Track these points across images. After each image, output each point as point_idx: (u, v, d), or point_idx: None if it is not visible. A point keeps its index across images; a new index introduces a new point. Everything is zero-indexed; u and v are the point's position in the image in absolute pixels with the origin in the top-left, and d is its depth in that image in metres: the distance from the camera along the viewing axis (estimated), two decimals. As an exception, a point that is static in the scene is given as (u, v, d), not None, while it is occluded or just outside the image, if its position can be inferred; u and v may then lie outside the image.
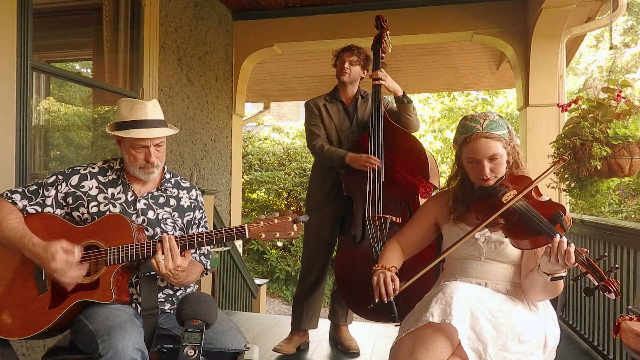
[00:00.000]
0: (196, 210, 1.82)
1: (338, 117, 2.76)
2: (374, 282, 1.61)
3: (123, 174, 1.74)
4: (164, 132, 1.69)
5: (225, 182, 4.79)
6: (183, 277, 1.59)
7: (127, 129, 1.64)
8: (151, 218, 1.71)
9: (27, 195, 1.65)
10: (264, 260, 9.44)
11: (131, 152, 1.67)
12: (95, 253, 1.57)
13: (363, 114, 2.77)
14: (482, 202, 1.62)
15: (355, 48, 2.74)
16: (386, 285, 1.58)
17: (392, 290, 1.57)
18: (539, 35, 4.07)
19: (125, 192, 1.72)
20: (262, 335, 3.35)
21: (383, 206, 2.50)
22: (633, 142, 2.54)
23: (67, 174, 1.70)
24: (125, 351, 1.38)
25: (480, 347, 1.40)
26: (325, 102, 2.79)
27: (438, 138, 11.77)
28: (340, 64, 2.72)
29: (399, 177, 2.55)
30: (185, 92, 4.00)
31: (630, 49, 12.98)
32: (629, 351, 1.69)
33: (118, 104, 1.70)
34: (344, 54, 2.74)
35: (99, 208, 1.67)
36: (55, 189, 1.67)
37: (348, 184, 2.64)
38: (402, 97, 2.64)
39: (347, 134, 2.75)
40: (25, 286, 1.58)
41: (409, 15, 4.40)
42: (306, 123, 2.84)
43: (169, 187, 1.79)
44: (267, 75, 6.43)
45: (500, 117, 1.64)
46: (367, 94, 2.82)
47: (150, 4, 3.44)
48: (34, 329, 1.53)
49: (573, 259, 1.37)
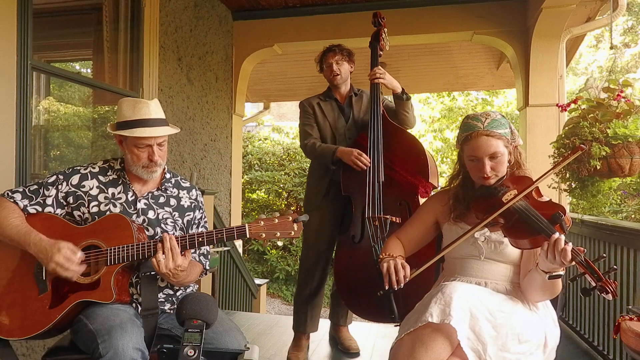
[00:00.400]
0: (196, 210, 1.82)
1: (332, 116, 2.74)
2: (384, 269, 1.59)
3: (124, 173, 1.74)
4: (167, 131, 1.70)
5: (225, 182, 4.79)
6: (183, 276, 1.59)
7: (130, 128, 1.64)
8: (151, 218, 1.72)
9: (28, 195, 1.65)
10: (264, 260, 9.45)
11: (134, 151, 1.67)
12: (96, 253, 1.57)
13: (359, 112, 2.75)
14: (482, 202, 1.62)
15: (335, 47, 2.73)
16: (397, 272, 1.56)
17: (403, 277, 1.56)
18: (539, 35, 4.07)
19: (125, 192, 1.72)
20: (262, 335, 3.36)
21: (383, 206, 2.48)
22: (633, 141, 2.54)
23: (68, 173, 1.70)
24: (125, 351, 1.38)
25: (479, 347, 1.40)
26: (319, 101, 2.77)
27: (438, 138, 11.77)
28: (328, 67, 2.71)
29: (398, 176, 2.54)
30: (185, 92, 4.00)
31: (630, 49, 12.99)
32: (629, 351, 1.69)
33: (119, 104, 1.70)
34: (327, 56, 2.73)
35: (100, 208, 1.67)
36: (55, 189, 1.67)
37: (346, 183, 2.62)
38: (400, 94, 2.63)
39: (342, 132, 2.72)
40: (26, 286, 1.58)
41: (409, 15, 4.40)
42: (300, 123, 2.82)
43: (169, 187, 1.80)
44: (267, 75, 6.43)
45: (502, 116, 1.64)
46: (360, 91, 2.80)
47: (150, 4, 3.44)
48: (34, 329, 1.53)
49: (569, 256, 1.37)
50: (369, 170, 2.51)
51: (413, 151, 2.58)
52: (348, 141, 2.70)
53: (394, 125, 2.62)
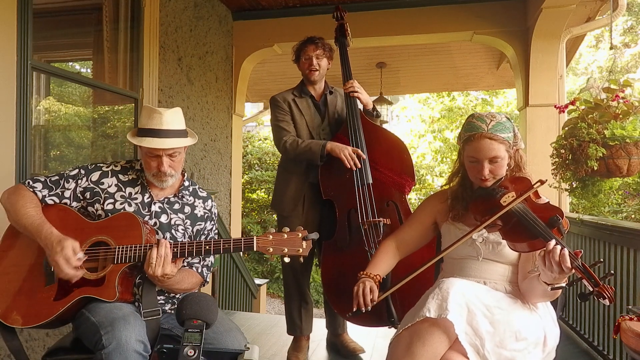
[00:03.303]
0: (208, 221, 1.83)
1: (309, 113, 2.61)
2: (354, 291, 1.64)
3: (143, 175, 1.76)
4: (176, 143, 1.69)
5: (225, 182, 4.79)
6: (170, 283, 1.60)
7: (141, 137, 1.66)
8: (163, 222, 1.72)
9: (49, 185, 1.67)
10: (264, 260, 9.45)
11: (146, 159, 1.70)
12: (104, 250, 1.58)
13: (334, 111, 2.66)
14: (480, 203, 1.62)
15: (318, 40, 2.58)
16: (364, 296, 1.61)
17: (370, 300, 1.60)
18: (539, 35, 4.07)
19: (142, 193, 1.74)
20: (262, 335, 3.36)
21: (372, 209, 2.39)
22: (630, 142, 2.54)
23: (90, 169, 1.72)
24: (128, 342, 1.39)
25: (477, 342, 1.41)
26: (294, 97, 2.61)
27: (438, 138, 11.77)
28: (307, 60, 2.57)
29: (383, 177, 2.47)
30: (185, 92, 4.00)
31: (630, 49, 12.98)
32: (629, 351, 1.69)
33: (142, 109, 1.74)
34: (307, 48, 2.57)
35: (115, 206, 1.69)
36: (75, 182, 1.69)
37: (327, 187, 2.48)
38: (371, 111, 2.59)
39: (318, 131, 2.60)
40: (34, 276, 1.60)
41: (409, 15, 4.39)
42: (272, 119, 2.63)
43: (186, 194, 1.81)
44: (267, 75, 6.43)
45: (508, 119, 1.63)
46: (334, 89, 2.71)
47: (150, 4, 3.44)
48: (37, 319, 1.55)
49: (569, 263, 1.36)
50: (355, 172, 2.40)
51: (396, 149, 2.52)
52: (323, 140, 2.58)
53: (373, 124, 2.55)
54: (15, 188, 1.67)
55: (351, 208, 2.45)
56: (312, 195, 2.59)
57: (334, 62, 2.70)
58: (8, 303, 1.57)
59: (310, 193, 2.60)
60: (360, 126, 2.50)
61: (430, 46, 5.43)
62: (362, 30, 3.50)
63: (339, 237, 2.49)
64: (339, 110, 2.68)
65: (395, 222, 2.42)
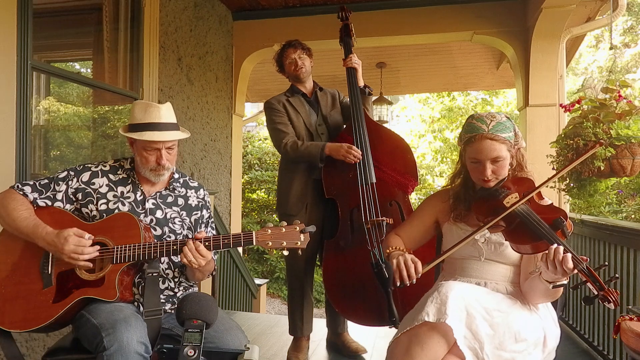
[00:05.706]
0: (203, 210, 1.85)
1: (304, 110, 2.65)
2: (394, 265, 1.53)
3: (133, 173, 1.77)
4: (176, 136, 1.72)
5: (225, 182, 4.79)
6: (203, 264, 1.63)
7: (140, 131, 1.67)
8: (159, 217, 1.74)
9: (38, 188, 1.67)
10: (264, 260, 9.44)
11: (143, 154, 1.70)
12: (103, 250, 1.58)
13: (326, 107, 2.71)
14: (482, 204, 1.61)
15: (294, 42, 2.69)
16: (407, 268, 1.50)
17: (414, 272, 1.49)
18: (539, 35, 4.07)
19: (134, 191, 1.74)
20: (262, 335, 3.36)
21: (375, 208, 2.40)
22: (635, 142, 2.53)
23: (79, 170, 1.73)
24: (130, 344, 1.39)
25: (476, 345, 1.41)
26: (287, 98, 2.67)
27: (438, 138, 11.77)
28: (291, 63, 2.67)
29: (386, 177, 2.47)
30: (185, 92, 3.99)
31: (630, 49, 12.99)
32: (629, 351, 1.68)
33: (133, 106, 1.74)
34: (287, 52, 2.68)
35: (108, 206, 1.69)
36: (66, 184, 1.69)
37: (330, 185, 2.49)
38: (363, 88, 2.62)
39: (315, 127, 2.65)
40: (30, 279, 1.59)
41: (409, 15, 4.39)
42: (269, 123, 2.65)
43: (177, 186, 1.82)
44: (267, 75, 6.42)
45: (508, 118, 1.63)
46: (324, 88, 2.79)
47: (150, 4, 3.44)
48: (36, 323, 1.54)
49: (571, 264, 1.36)
50: (358, 171, 2.42)
51: (400, 150, 2.53)
52: (321, 136, 2.64)
53: (376, 123, 2.57)
54: (5, 192, 1.67)
55: (354, 207, 2.45)
56: (316, 193, 2.60)
57: (338, 65, 2.75)
58: (5, 308, 1.56)
59: (314, 191, 2.61)
60: (365, 125, 2.51)
61: (431, 46, 5.43)
62: (362, 30, 3.50)
63: (341, 236, 2.49)
64: (331, 107, 2.73)
65: (398, 222, 2.43)
